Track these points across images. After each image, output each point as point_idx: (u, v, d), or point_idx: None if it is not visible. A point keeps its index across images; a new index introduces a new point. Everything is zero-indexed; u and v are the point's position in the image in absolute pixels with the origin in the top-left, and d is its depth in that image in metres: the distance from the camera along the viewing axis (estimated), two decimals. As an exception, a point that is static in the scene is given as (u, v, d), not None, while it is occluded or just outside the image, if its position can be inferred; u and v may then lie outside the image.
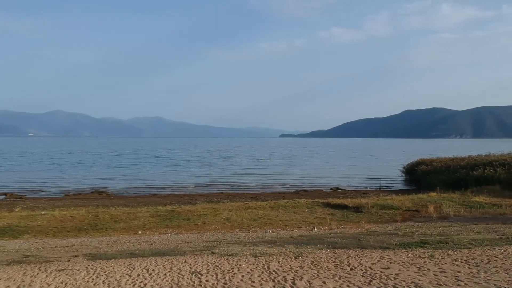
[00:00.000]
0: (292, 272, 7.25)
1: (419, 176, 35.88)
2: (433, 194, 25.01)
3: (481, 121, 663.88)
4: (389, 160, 79.25)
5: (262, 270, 7.46)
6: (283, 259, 8.37)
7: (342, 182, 39.21)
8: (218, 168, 57.49)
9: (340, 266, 7.68)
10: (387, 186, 36.04)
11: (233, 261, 8.27)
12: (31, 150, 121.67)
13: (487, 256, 8.22)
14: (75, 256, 9.70)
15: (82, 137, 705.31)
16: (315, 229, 15.61)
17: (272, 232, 15.11)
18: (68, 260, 8.92)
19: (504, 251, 8.62)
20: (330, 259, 8.31)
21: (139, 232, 16.46)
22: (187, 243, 11.97)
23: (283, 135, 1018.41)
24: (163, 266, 7.92)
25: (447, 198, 23.28)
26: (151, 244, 12.29)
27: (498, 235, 11.07)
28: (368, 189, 33.62)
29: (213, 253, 9.24)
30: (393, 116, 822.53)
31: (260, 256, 8.71)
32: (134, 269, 7.70)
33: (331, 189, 34.38)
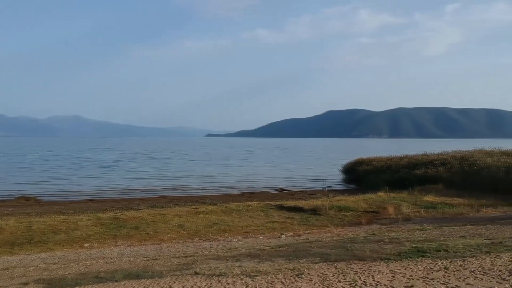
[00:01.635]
0: (310, 298, 6.18)
1: (360, 176, 36.34)
2: (381, 194, 25.11)
3: (397, 122, 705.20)
4: (324, 159, 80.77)
5: (272, 296, 6.33)
6: (284, 279, 7.22)
7: (286, 183, 38.73)
8: (153, 169, 54.89)
9: (357, 286, 6.73)
10: (330, 186, 36.12)
11: (227, 284, 7.00)
12: None
13: (501, 266, 7.65)
14: (25, 284, 7.89)
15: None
16: (283, 236, 14.64)
17: (239, 241, 13.93)
18: (19, 291, 7.19)
19: (513, 259, 8.17)
20: (338, 276, 7.29)
21: (86, 245, 14.57)
22: (155, 259, 10.44)
23: (210, 135, 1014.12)
24: (148, 295, 6.50)
25: (397, 198, 23.46)
26: (110, 261, 10.63)
27: (485, 239, 10.74)
28: (314, 189, 33.47)
29: (197, 274, 7.88)
30: (316, 117, 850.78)
31: (255, 275, 7.50)
32: (113, 301, 6.24)
33: (276, 190, 33.76)
